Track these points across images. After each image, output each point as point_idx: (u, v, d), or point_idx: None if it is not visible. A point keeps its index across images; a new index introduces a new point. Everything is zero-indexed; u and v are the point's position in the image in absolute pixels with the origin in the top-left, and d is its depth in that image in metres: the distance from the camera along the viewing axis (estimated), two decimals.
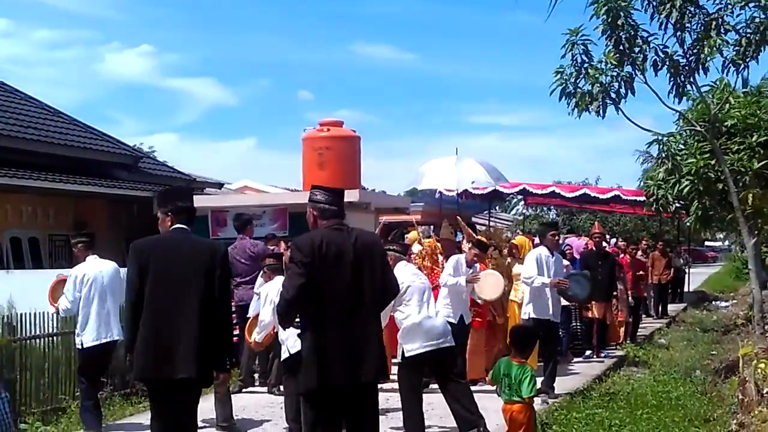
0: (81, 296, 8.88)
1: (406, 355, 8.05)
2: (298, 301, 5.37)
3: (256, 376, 11.71)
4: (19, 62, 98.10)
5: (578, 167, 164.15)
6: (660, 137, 12.88)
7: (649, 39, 11.74)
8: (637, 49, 11.60)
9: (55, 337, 10.16)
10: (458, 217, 12.93)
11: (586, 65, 11.59)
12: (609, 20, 11.33)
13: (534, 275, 10.34)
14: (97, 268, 9.02)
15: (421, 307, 8.07)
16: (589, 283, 11.10)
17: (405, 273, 8.23)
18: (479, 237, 12.13)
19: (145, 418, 8.94)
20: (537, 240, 13.96)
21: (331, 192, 5.81)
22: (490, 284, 10.38)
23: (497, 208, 35.91)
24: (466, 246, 11.62)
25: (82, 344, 8.89)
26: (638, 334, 16.80)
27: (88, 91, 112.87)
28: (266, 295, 8.68)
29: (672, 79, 11.90)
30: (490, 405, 9.80)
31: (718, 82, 13.29)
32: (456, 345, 9.01)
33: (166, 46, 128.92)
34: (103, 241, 13.61)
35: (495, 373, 7.26)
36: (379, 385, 5.82)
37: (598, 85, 11.49)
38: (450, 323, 8.98)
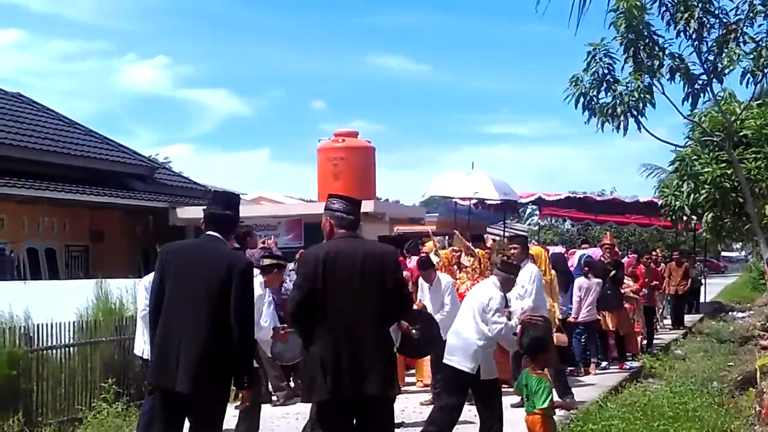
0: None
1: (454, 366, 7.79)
2: (300, 314, 5.41)
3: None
4: (35, 74, 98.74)
5: (594, 178, 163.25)
6: (678, 150, 12.83)
7: (665, 46, 11.70)
8: (655, 56, 11.55)
9: (71, 348, 10.19)
10: (455, 231, 12.87)
11: (608, 78, 11.55)
12: (627, 32, 11.29)
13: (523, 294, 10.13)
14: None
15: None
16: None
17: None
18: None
19: None
20: (554, 249, 13.98)
21: (349, 201, 5.75)
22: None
23: (512, 218, 35.80)
24: (465, 260, 11.58)
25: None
26: (654, 344, 16.72)
27: (103, 102, 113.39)
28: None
29: (687, 87, 11.85)
30: (506, 416, 9.83)
31: (723, 93, 13.25)
32: None
33: (182, 58, 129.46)
34: (119, 251, 13.72)
35: (518, 384, 7.30)
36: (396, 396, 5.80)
37: (622, 104, 11.40)
38: None
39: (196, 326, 5.51)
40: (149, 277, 8.95)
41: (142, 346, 8.71)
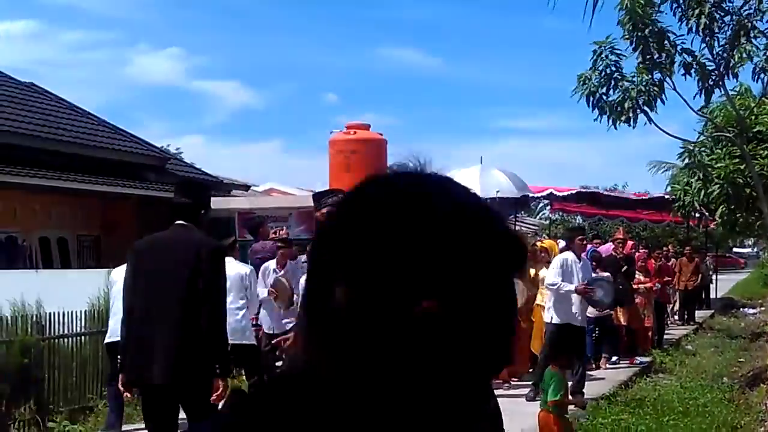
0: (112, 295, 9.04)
1: None
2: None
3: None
4: (48, 64, 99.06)
5: (605, 173, 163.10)
6: (690, 146, 12.80)
7: (676, 42, 11.67)
8: (665, 53, 11.52)
9: (83, 337, 10.24)
10: None
11: (615, 75, 11.52)
12: (632, 29, 11.26)
13: (558, 281, 10.29)
14: (121, 268, 9.11)
15: None
16: (613, 287, 11.03)
17: None
18: None
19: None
20: (561, 244, 13.94)
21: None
22: None
23: (523, 212, 35.77)
24: None
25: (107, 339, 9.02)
26: (665, 340, 16.69)
27: (116, 92, 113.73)
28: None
29: (700, 83, 11.81)
30: (515, 408, 9.83)
31: (738, 88, 13.21)
32: None
33: (194, 49, 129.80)
34: (130, 242, 13.73)
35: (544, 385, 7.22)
36: None
37: (630, 99, 11.39)
38: None
39: (168, 316, 5.42)
40: (118, 270, 9.07)
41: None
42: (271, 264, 10.50)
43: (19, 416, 9.24)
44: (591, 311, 12.99)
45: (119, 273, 9.10)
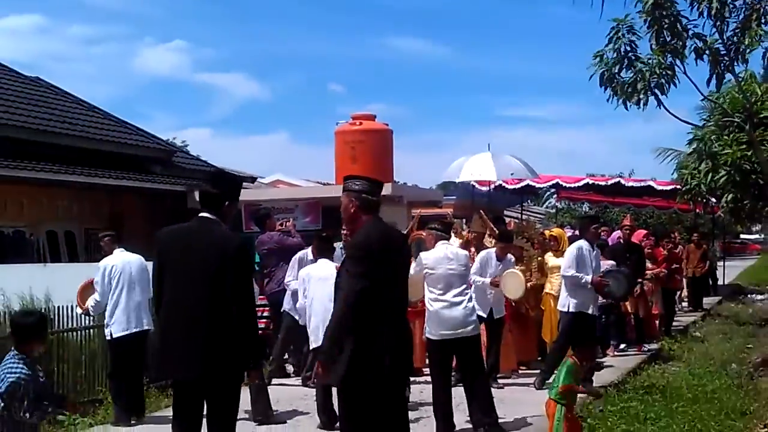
0: (110, 287, 9.06)
1: (425, 336, 8.30)
2: (361, 304, 5.27)
3: (290, 368, 11.79)
4: (54, 58, 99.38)
5: (611, 160, 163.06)
6: (699, 132, 12.77)
7: (688, 26, 11.61)
8: (678, 37, 11.46)
9: (91, 330, 10.28)
10: (481, 211, 12.83)
11: (630, 54, 11.47)
12: (653, 9, 11.19)
13: (574, 271, 10.27)
14: (123, 260, 9.20)
15: (442, 295, 8.11)
16: (627, 279, 11.01)
17: (435, 255, 8.28)
18: (502, 228, 12.14)
19: (164, 413, 9.04)
20: (569, 233, 13.92)
21: (374, 182, 5.65)
22: (510, 285, 10.39)
23: (529, 201, 35.77)
24: (487, 241, 11.58)
25: (111, 335, 9.07)
26: (673, 327, 16.65)
27: (121, 86, 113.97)
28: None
29: (712, 68, 11.76)
30: (523, 397, 9.85)
31: (744, 73, 13.15)
32: (488, 338, 9.02)
33: (199, 42, 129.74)
34: (138, 235, 13.75)
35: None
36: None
37: (643, 80, 11.35)
38: (479, 316, 9.02)
39: (197, 312, 5.45)
40: (104, 263, 9.19)
41: (109, 329, 9.08)
42: (308, 253, 10.60)
43: None
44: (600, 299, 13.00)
45: (110, 261, 9.22)
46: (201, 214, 5.70)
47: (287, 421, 9.01)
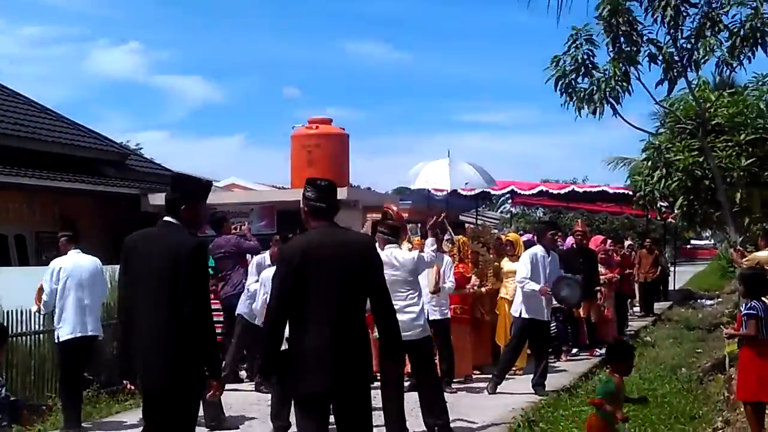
0: (57, 289, 8.98)
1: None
2: (282, 309, 5.32)
3: (243, 374, 11.72)
4: (6, 59, 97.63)
5: (566, 166, 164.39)
6: (652, 142, 12.93)
7: (643, 32, 11.76)
8: (633, 42, 11.61)
9: (41, 335, 10.13)
10: (443, 215, 12.84)
11: (588, 62, 11.59)
12: (610, 17, 11.32)
13: (527, 279, 10.36)
14: (75, 262, 9.09)
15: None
16: (580, 286, 11.10)
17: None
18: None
19: (131, 416, 8.95)
20: (526, 237, 13.99)
21: (321, 188, 5.64)
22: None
23: (484, 206, 35.94)
24: (445, 246, 11.58)
25: (58, 338, 8.99)
26: (624, 332, 16.81)
27: (75, 88, 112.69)
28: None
29: (664, 74, 11.91)
30: (476, 402, 9.89)
31: (697, 81, 13.35)
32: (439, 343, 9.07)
33: (154, 44, 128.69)
34: (90, 239, 13.61)
35: (600, 392, 7.05)
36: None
37: (599, 90, 11.46)
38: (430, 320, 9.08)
39: (156, 318, 5.43)
40: (53, 264, 9.17)
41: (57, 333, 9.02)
42: (266, 257, 10.68)
43: None
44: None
45: (60, 263, 9.12)
46: (164, 219, 5.70)
47: (239, 426, 8.96)
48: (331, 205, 5.61)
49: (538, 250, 10.67)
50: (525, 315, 10.47)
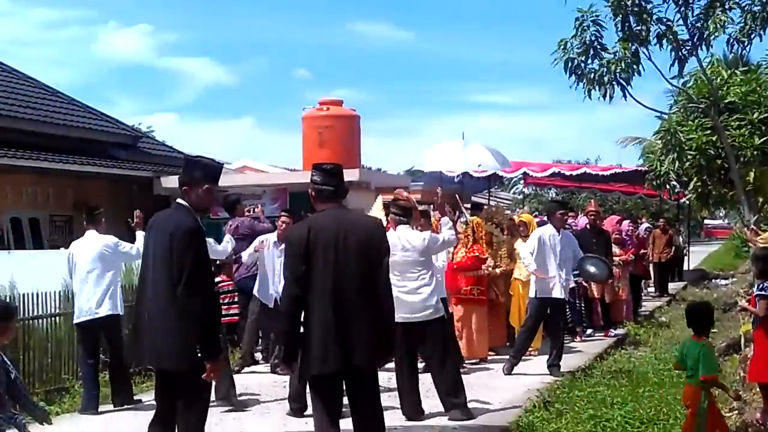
0: (69, 270, 9.19)
1: None
2: (298, 293, 5.41)
3: (259, 355, 11.75)
4: (17, 42, 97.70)
5: (578, 146, 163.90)
6: (663, 120, 12.83)
7: (653, 11, 11.65)
8: (643, 23, 11.50)
9: (57, 317, 10.16)
10: (457, 196, 12.83)
11: (596, 45, 11.50)
12: None
13: (529, 258, 10.39)
14: (82, 244, 9.14)
15: (400, 281, 8.01)
16: (605, 263, 11.24)
17: (392, 242, 8.16)
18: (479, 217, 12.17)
19: (146, 397, 8.97)
20: (543, 218, 13.95)
21: (326, 171, 5.71)
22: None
23: (497, 187, 35.86)
24: (459, 226, 11.55)
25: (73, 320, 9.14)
26: (639, 312, 16.79)
27: (85, 70, 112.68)
28: None
29: (674, 53, 11.82)
30: (492, 382, 9.89)
31: (710, 58, 13.25)
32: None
33: (164, 26, 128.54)
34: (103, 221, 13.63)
35: (678, 357, 6.98)
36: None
37: (608, 72, 11.37)
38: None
39: (157, 300, 5.52)
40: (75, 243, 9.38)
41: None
42: (272, 237, 10.79)
43: None
44: None
45: (72, 245, 9.19)
46: (176, 201, 5.78)
47: (255, 407, 8.97)
48: (338, 188, 5.67)
49: (547, 230, 10.66)
50: (537, 294, 10.48)
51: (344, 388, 5.60)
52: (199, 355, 5.44)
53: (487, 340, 11.50)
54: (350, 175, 11.30)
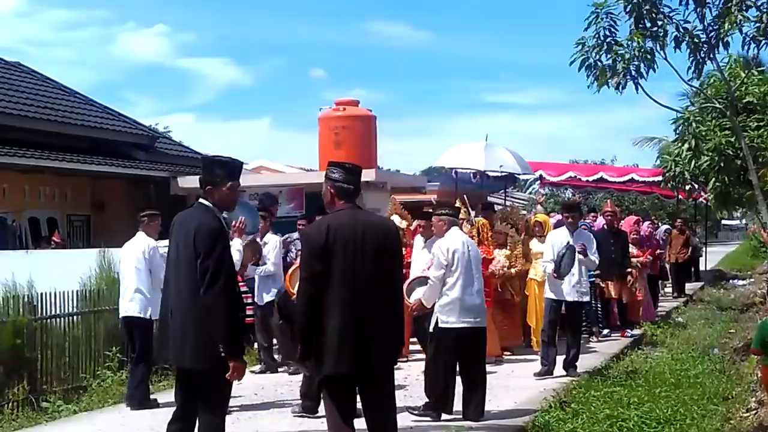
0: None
1: (440, 326, 8.02)
2: (314, 293, 5.35)
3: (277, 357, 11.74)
4: (35, 43, 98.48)
5: (594, 146, 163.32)
6: (683, 115, 12.75)
7: (671, 14, 11.61)
8: (659, 23, 11.45)
9: (75, 317, 10.23)
10: (464, 196, 12.75)
11: (609, 39, 11.45)
12: None
13: (548, 263, 10.32)
14: (131, 244, 9.27)
15: (466, 281, 7.99)
16: (573, 253, 10.71)
17: (455, 240, 8.11)
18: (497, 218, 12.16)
19: (165, 397, 9.00)
20: (554, 218, 13.91)
21: (349, 170, 5.67)
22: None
23: (512, 187, 35.78)
24: (466, 227, 11.51)
25: None
26: (655, 312, 16.72)
27: (103, 71, 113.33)
28: None
29: (692, 55, 11.76)
30: (512, 383, 9.87)
31: (728, 59, 13.18)
32: None
33: (181, 26, 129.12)
34: (120, 221, 13.75)
35: (757, 338, 6.85)
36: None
37: (622, 61, 11.33)
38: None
39: (179, 298, 5.52)
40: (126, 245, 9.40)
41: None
42: (294, 235, 11.11)
43: (13, 397, 9.25)
44: None
45: (124, 247, 9.31)
46: (198, 200, 5.76)
47: (273, 408, 8.98)
48: (357, 187, 5.64)
49: (558, 233, 10.62)
50: (549, 295, 10.45)
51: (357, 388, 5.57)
52: (222, 354, 5.43)
53: (497, 340, 11.45)
54: (366, 175, 11.27)
